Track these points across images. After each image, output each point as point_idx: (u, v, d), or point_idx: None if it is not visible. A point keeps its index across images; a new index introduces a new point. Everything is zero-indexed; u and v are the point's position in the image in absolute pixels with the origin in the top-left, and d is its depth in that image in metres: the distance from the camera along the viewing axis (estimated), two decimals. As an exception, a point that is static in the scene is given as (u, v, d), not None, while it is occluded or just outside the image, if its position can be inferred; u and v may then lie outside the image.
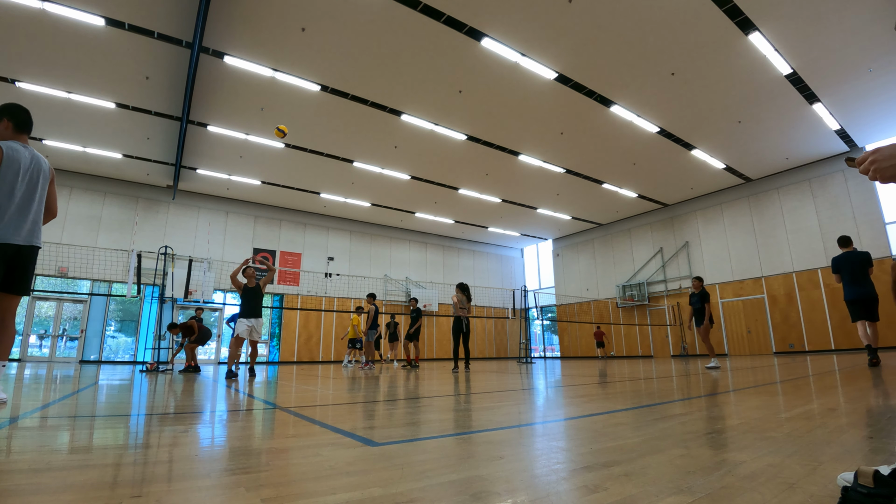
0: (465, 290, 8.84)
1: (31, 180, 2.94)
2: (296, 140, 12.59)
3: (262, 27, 8.33)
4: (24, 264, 2.90)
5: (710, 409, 2.61)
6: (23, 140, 3.04)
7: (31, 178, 2.94)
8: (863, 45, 8.88)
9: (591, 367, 9.06)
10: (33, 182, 2.95)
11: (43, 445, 1.72)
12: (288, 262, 17.80)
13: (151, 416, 2.63)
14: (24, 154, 2.94)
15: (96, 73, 9.43)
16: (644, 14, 8.10)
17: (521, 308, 15.54)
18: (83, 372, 8.20)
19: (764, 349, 15.01)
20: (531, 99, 10.70)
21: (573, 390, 4.15)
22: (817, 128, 12.17)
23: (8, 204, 2.80)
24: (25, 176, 2.90)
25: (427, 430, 2.09)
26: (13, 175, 2.83)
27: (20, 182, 2.86)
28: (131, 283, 9.17)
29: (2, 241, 2.76)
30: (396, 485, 1.16)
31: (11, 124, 3.00)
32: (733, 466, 1.28)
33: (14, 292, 2.92)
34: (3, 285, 2.86)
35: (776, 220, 15.22)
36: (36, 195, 2.96)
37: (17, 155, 2.88)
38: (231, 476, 1.29)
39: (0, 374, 2.91)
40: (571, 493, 1.09)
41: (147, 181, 15.21)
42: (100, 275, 14.03)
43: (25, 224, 2.88)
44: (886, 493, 0.81)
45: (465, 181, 15.64)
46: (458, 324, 8.57)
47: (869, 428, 1.86)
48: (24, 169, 2.89)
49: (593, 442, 1.71)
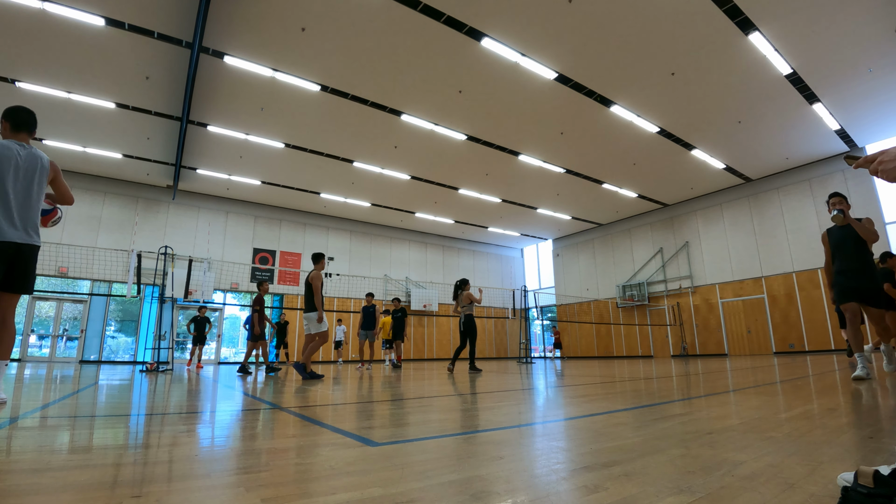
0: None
1: (27, 178, 2.92)
2: (296, 140, 12.59)
3: (262, 27, 8.33)
4: (24, 263, 2.88)
5: (710, 409, 2.61)
6: (21, 139, 3.04)
7: (26, 176, 2.92)
8: (863, 45, 8.88)
9: (588, 368, 9.05)
10: (29, 179, 2.93)
11: (43, 445, 1.72)
12: (288, 262, 17.79)
13: (151, 416, 2.63)
14: (19, 152, 2.93)
15: (96, 73, 9.43)
16: (644, 14, 8.10)
17: (521, 308, 15.54)
18: (83, 372, 8.20)
19: (764, 349, 15.01)
20: (531, 99, 10.70)
21: (573, 390, 4.15)
22: (817, 128, 12.17)
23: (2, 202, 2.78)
24: (20, 173, 2.89)
25: (427, 430, 2.09)
26: (4, 172, 2.81)
27: (13, 180, 2.85)
28: (131, 283, 9.17)
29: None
30: (396, 485, 1.16)
31: (9, 125, 3.02)
32: (733, 466, 1.28)
33: (15, 291, 2.90)
34: (3, 284, 2.84)
35: (776, 220, 15.22)
36: (33, 193, 2.93)
37: (10, 153, 2.87)
38: (231, 476, 1.29)
39: (1, 373, 2.89)
40: (571, 493, 1.09)
41: (147, 181, 15.21)
42: (100, 275, 14.03)
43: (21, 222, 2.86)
44: (886, 493, 0.81)
45: (465, 181, 15.64)
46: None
47: (869, 428, 1.86)
48: (17, 167, 2.88)
49: (593, 442, 1.71)
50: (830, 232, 4.37)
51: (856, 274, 4.10)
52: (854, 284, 4.11)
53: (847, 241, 4.18)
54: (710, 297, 16.77)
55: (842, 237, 4.23)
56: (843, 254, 4.21)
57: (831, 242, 4.34)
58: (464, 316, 8.15)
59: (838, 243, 4.26)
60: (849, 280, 4.14)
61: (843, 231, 4.20)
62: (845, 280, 4.16)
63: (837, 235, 4.28)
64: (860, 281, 4.08)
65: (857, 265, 4.11)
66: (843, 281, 4.17)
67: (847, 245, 4.18)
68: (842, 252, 4.22)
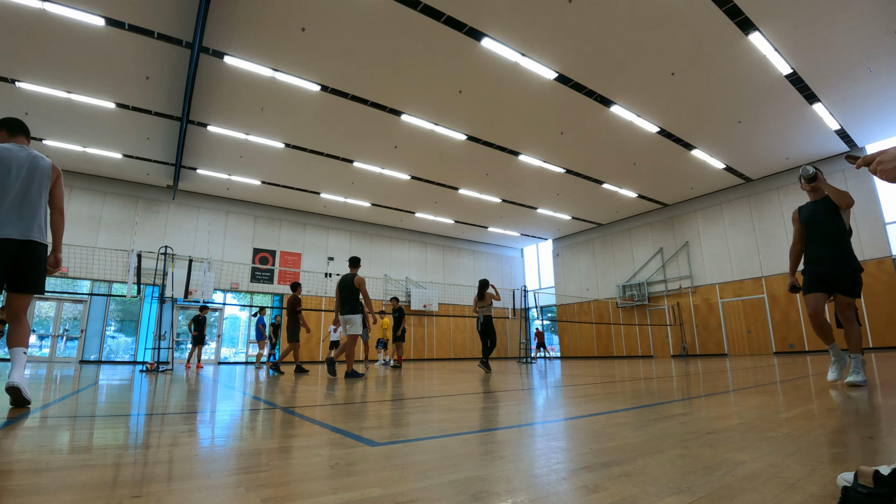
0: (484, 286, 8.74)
1: (27, 178, 2.95)
2: (296, 140, 12.60)
3: (262, 27, 8.34)
4: (30, 261, 2.88)
5: (710, 409, 2.61)
6: (19, 141, 3.07)
7: (27, 177, 2.95)
8: (863, 45, 8.88)
9: (588, 368, 9.05)
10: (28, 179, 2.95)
11: (43, 445, 1.72)
12: (288, 262, 17.80)
13: (151, 416, 2.64)
14: (18, 153, 2.95)
15: (96, 73, 9.43)
16: (644, 14, 8.11)
17: (521, 308, 15.54)
18: (83, 372, 8.20)
19: (764, 349, 15.01)
20: (531, 99, 10.71)
21: (573, 390, 4.15)
22: (817, 128, 12.17)
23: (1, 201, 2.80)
24: (20, 174, 2.92)
25: (427, 430, 2.09)
26: (4, 172, 2.84)
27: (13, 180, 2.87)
28: (131, 283, 9.18)
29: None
30: (396, 485, 1.16)
31: (4, 131, 3.07)
32: (733, 466, 1.28)
33: (24, 291, 2.91)
34: (11, 284, 2.85)
35: (776, 220, 15.22)
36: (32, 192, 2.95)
37: (9, 154, 2.90)
38: (231, 476, 1.29)
39: (21, 361, 2.87)
40: (571, 493, 1.09)
41: (147, 181, 15.21)
42: (100, 275, 14.03)
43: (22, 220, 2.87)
44: (886, 493, 0.81)
45: (465, 181, 15.64)
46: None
47: (869, 428, 1.86)
48: (17, 167, 2.91)
49: (593, 442, 1.71)
50: (802, 209, 3.90)
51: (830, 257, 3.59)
52: (826, 270, 3.61)
53: (820, 216, 3.69)
54: (710, 297, 16.78)
55: (813, 212, 3.75)
56: (815, 231, 3.71)
57: (802, 219, 3.85)
58: (483, 316, 8.37)
59: (810, 219, 3.77)
60: (821, 265, 3.64)
61: (816, 205, 3.75)
62: (816, 266, 3.68)
63: (809, 211, 3.81)
64: (833, 264, 3.58)
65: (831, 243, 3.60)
66: (814, 268, 3.69)
67: (820, 218, 3.69)
68: (814, 229, 3.72)
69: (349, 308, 6.72)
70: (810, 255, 3.75)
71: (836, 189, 3.56)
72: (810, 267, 3.73)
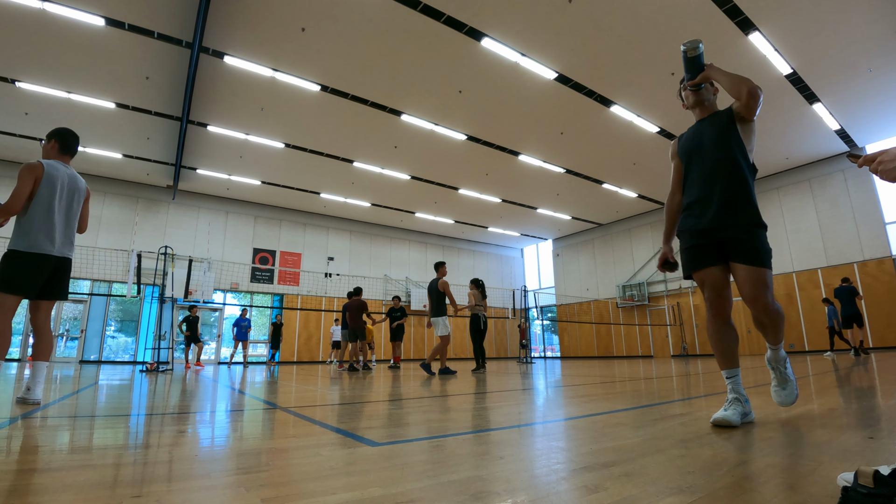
0: (480, 285, 8.82)
1: (68, 198, 3.19)
2: (296, 140, 12.59)
3: (262, 27, 8.33)
4: (62, 274, 3.17)
5: (710, 409, 2.61)
6: (65, 160, 3.30)
7: (68, 196, 3.19)
8: (863, 45, 8.88)
9: (588, 368, 9.05)
10: (70, 199, 3.20)
11: (43, 445, 1.72)
12: (288, 262, 17.79)
13: (151, 416, 2.64)
14: (64, 172, 3.18)
15: (96, 73, 9.43)
16: (644, 14, 8.11)
17: (521, 308, 15.54)
18: (83, 372, 8.20)
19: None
20: (531, 99, 10.70)
21: (573, 390, 4.15)
22: (817, 128, 12.17)
23: (46, 218, 3.02)
24: (63, 193, 3.14)
25: (427, 430, 2.09)
26: (50, 191, 3.06)
27: (58, 199, 3.10)
28: (131, 283, 9.18)
29: (38, 251, 2.98)
30: (396, 485, 1.16)
31: (57, 145, 3.26)
32: (733, 466, 1.28)
33: (53, 298, 3.18)
34: (42, 293, 3.09)
35: (776, 220, 15.21)
36: (72, 212, 3.22)
37: (57, 173, 3.12)
38: (231, 476, 1.29)
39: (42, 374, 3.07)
40: (571, 493, 1.09)
41: (147, 181, 15.21)
42: (100, 275, 14.02)
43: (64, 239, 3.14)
44: (886, 493, 0.81)
45: (465, 181, 15.64)
46: (477, 322, 8.57)
47: (869, 428, 1.86)
48: (61, 187, 3.13)
49: (593, 442, 1.71)
50: (681, 137, 2.36)
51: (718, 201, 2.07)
52: (710, 224, 2.09)
53: (707, 138, 2.18)
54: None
55: (699, 135, 2.23)
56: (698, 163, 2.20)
57: (682, 150, 2.32)
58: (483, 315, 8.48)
59: (693, 147, 2.24)
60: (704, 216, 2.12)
61: (702, 125, 2.24)
62: (697, 219, 2.15)
63: (692, 136, 2.28)
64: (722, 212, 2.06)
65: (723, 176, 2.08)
66: (695, 222, 2.16)
67: (706, 142, 2.18)
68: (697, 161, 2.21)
69: (434, 311, 7.11)
70: (689, 200, 2.22)
71: (733, 75, 2.08)
72: (690, 221, 2.20)
